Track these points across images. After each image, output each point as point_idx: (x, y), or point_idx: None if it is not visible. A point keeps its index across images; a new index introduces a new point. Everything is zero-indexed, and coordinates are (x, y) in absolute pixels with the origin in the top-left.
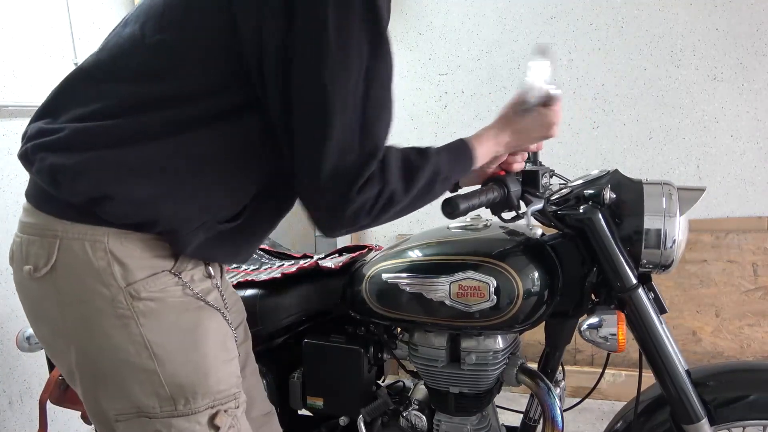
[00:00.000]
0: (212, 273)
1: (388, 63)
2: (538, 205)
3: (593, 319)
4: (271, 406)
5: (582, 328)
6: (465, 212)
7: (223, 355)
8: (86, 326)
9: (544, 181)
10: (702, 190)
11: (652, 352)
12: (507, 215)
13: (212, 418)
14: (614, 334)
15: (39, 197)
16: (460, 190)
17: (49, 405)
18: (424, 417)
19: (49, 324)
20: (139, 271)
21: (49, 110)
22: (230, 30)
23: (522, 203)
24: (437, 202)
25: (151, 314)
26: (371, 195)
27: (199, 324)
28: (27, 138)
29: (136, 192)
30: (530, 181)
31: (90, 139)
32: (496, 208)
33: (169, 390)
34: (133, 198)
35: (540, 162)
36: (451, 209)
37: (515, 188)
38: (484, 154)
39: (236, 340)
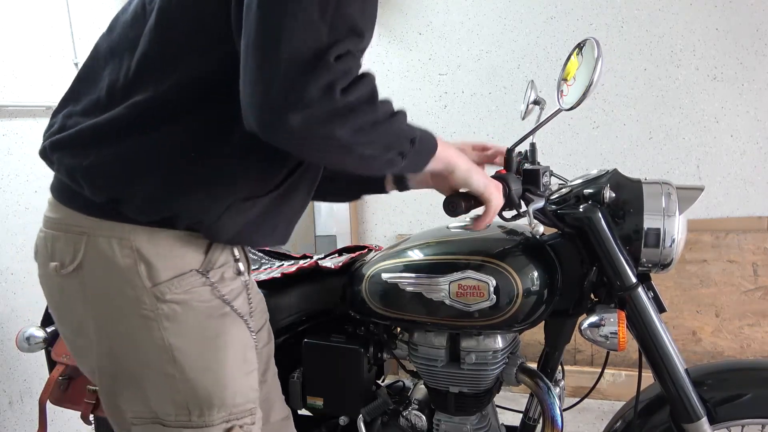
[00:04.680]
0: (242, 269)
1: None
2: (539, 204)
3: (594, 318)
4: (288, 409)
5: (582, 327)
6: (467, 210)
7: (243, 367)
8: (109, 325)
9: (544, 180)
10: (700, 189)
11: (651, 350)
12: (507, 214)
13: None
14: (615, 333)
15: (64, 192)
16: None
17: (49, 405)
18: (424, 417)
19: (73, 321)
20: (166, 271)
21: (70, 98)
22: None
23: (523, 202)
24: (436, 203)
25: (174, 318)
26: (350, 68)
27: (222, 332)
28: (48, 134)
29: (150, 189)
30: (531, 179)
31: (100, 135)
32: None
33: (185, 398)
34: (150, 196)
35: (538, 161)
36: (453, 207)
37: (516, 187)
38: (442, 153)
39: (257, 346)
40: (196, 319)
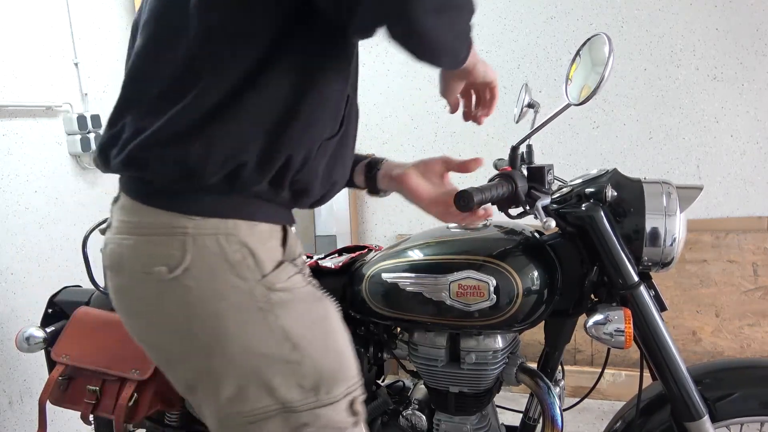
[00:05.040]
0: (306, 258)
1: None
2: (546, 200)
3: (598, 316)
4: None
5: (587, 325)
6: (479, 205)
7: (348, 341)
8: (222, 324)
9: (548, 177)
10: (700, 188)
11: (653, 349)
12: (513, 211)
13: (350, 404)
14: (620, 330)
15: (156, 195)
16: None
17: (49, 405)
18: (424, 417)
19: (172, 328)
20: (269, 262)
21: (129, 103)
22: None
23: (528, 199)
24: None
25: (285, 305)
26: None
27: (327, 312)
28: (123, 142)
29: (263, 144)
30: (536, 177)
31: (193, 116)
32: (503, 204)
33: (312, 380)
34: (264, 149)
35: (534, 162)
36: (465, 202)
37: (522, 184)
38: (473, 54)
39: None
40: (304, 304)
